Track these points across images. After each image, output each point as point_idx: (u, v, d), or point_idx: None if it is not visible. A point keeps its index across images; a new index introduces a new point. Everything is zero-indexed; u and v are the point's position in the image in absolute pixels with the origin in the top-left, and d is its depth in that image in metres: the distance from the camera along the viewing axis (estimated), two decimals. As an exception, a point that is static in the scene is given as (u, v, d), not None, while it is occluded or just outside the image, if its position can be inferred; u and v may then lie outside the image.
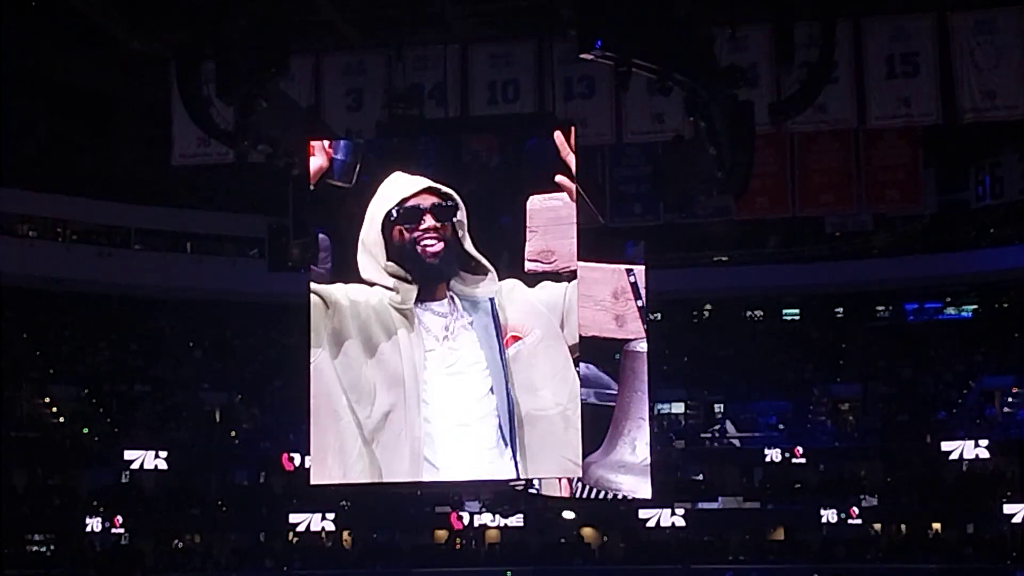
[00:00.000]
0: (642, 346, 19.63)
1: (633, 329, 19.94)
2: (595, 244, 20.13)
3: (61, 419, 44.33)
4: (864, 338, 49.99)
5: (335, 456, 17.15)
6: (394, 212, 17.09)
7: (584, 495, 20.02)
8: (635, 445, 19.88)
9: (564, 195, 17.18)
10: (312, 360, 17.34)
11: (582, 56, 17.61)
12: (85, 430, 44.29)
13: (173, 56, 22.87)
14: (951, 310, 50.83)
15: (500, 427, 16.89)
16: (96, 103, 40.47)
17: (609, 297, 20.00)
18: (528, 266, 17.07)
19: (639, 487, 19.55)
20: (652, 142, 25.84)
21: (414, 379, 16.93)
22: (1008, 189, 42.46)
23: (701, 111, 18.90)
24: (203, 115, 20.81)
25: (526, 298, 17.04)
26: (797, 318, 52.41)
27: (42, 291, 46.13)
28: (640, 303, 20.47)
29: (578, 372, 16.99)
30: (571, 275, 17.13)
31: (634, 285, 20.63)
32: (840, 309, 51.81)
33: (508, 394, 16.81)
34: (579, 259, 17.47)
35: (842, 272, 47.98)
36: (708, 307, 52.94)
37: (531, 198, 17.23)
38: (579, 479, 19.31)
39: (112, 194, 46.48)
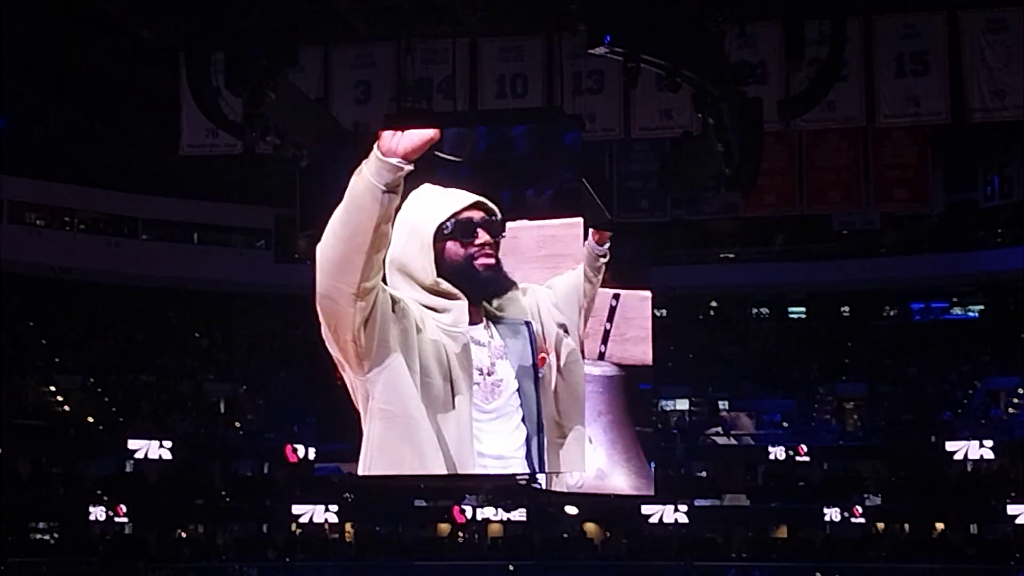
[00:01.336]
0: (584, 367, 19.14)
1: (588, 349, 19.71)
2: (619, 268, 20.19)
3: (66, 408, 44.40)
4: (870, 337, 49.95)
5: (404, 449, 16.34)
6: (448, 225, 15.66)
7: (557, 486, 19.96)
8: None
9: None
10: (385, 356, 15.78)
11: (591, 51, 17.62)
12: (90, 419, 44.37)
13: (183, 46, 22.95)
14: (958, 310, 50.78)
15: (528, 455, 16.38)
16: (105, 92, 40.47)
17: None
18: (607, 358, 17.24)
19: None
20: (660, 138, 25.87)
21: (468, 419, 16.22)
22: (1016, 189, 42.45)
23: (710, 108, 18.91)
24: (212, 105, 20.86)
25: (548, 306, 16.52)
26: (803, 316, 52.36)
27: (49, 280, 46.20)
28: (608, 326, 20.50)
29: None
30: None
31: (612, 309, 20.68)
32: (846, 308, 51.75)
33: (540, 426, 16.30)
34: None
35: (849, 270, 47.94)
36: (714, 304, 52.91)
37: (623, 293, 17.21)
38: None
39: (120, 184, 46.54)
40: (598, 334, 20.37)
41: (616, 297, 20.65)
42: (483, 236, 15.89)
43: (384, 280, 15.80)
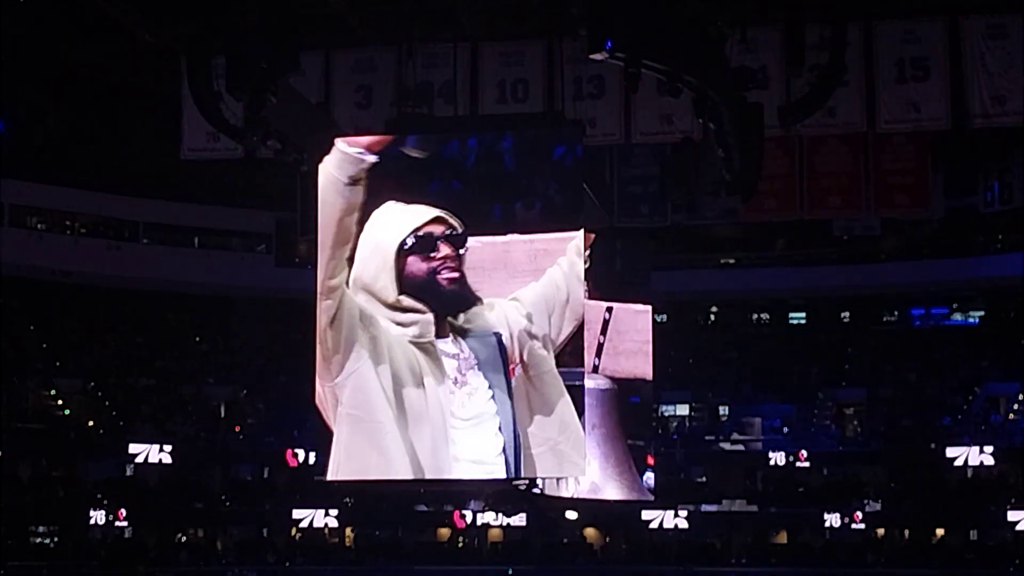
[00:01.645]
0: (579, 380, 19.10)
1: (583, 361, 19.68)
2: (618, 283, 20.25)
3: (66, 411, 44.41)
4: (870, 342, 49.95)
5: (366, 454, 16.48)
6: (408, 241, 16.25)
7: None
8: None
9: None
10: (353, 362, 16.38)
11: (592, 56, 17.61)
12: (90, 423, 44.37)
13: (184, 49, 22.94)
14: (958, 316, 50.77)
15: (506, 462, 16.47)
16: (106, 95, 40.44)
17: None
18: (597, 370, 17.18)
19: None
20: (661, 143, 25.85)
21: (443, 426, 16.50)
22: (1017, 195, 42.39)
23: (710, 113, 18.91)
24: (213, 109, 20.86)
25: (516, 318, 16.46)
26: (803, 322, 52.34)
27: (49, 283, 46.20)
28: (601, 339, 20.50)
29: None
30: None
31: (606, 322, 20.69)
32: (846, 313, 51.74)
33: (516, 434, 16.39)
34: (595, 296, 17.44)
35: (849, 276, 47.93)
36: (714, 309, 52.90)
37: (615, 307, 17.17)
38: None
39: (121, 187, 46.57)
40: (592, 347, 20.35)
41: (609, 310, 20.69)
42: (444, 250, 16.10)
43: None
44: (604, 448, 20.42)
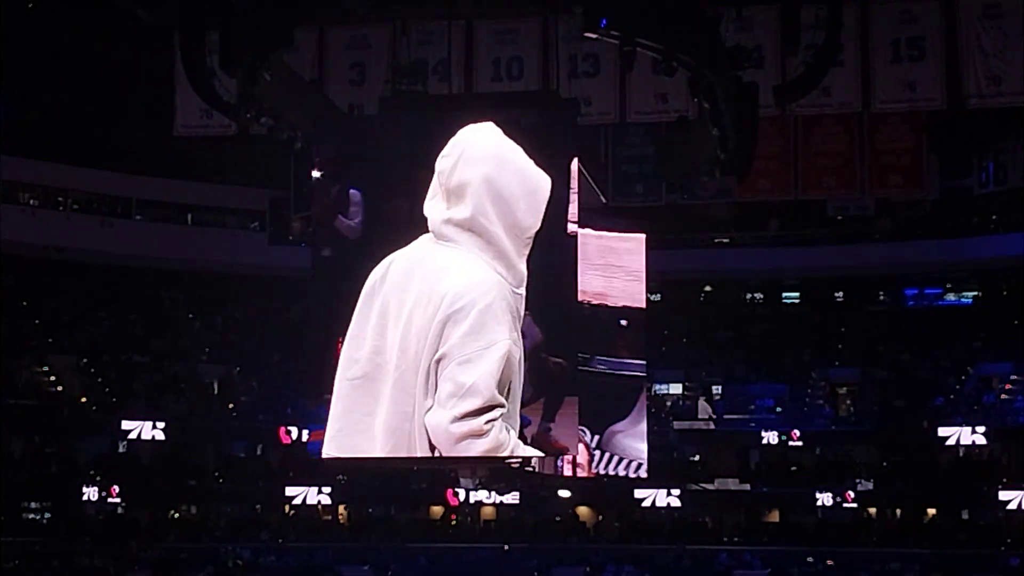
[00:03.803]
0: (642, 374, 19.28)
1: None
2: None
3: (59, 388, 44.37)
4: (863, 322, 50.00)
5: None
6: None
7: (603, 469, 19.83)
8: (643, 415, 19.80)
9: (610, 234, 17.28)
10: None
11: (587, 35, 17.57)
12: (83, 399, 44.34)
13: (177, 26, 22.84)
14: (951, 296, 50.80)
15: None
16: (99, 72, 40.32)
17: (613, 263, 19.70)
18: (583, 297, 17.10)
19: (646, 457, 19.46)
20: (655, 122, 25.83)
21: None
22: (1011, 176, 42.34)
23: (705, 92, 18.86)
24: (206, 86, 20.78)
25: None
26: (797, 301, 52.36)
27: (42, 260, 46.11)
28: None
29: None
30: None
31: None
32: (840, 293, 51.76)
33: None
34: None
35: (843, 256, 47.93)
36: (708, 288, 52.91)
37: (582, 232, 16.99)
38: (601, 449, 18.95)
39: (114, 164, 46.40)
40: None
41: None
42: None
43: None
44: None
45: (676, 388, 48.54)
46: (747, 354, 49.19)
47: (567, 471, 18.82)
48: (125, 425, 42.74)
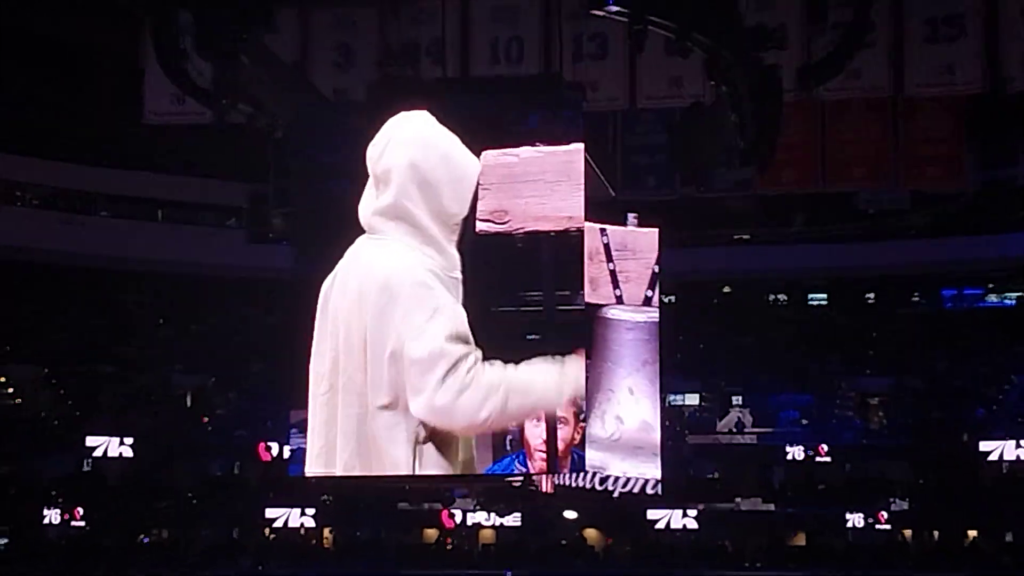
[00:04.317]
0: (614, 312, 19.48)
1: (604, 294, 19.84)
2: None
3: (18, 401, 44.47)
4: (897, 327, 50.07)
5: None
6: None
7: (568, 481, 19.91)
8: (604, 419, 19.86)
9: (522, 150, 16.80)
10: None
11: (593, 12, 17.59)
12: (44, 414, 44.39)
13: (147, 5, 22.89)
14: (993, 297, 50.91)
15: None
16: (62, 55, 40.45)
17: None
18: (480, 226, 16.89)
19: (608, 463, 19.48)
20: (669, 108, 25.85)
21: None
22: (1059, 166, 42.52)
23: (723, 75, 18.88)
24: (179, 70, 20.82)
25: None
26: (824, 304, 52.50)
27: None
28: (611, 266, 20.43)
29: None
30: (525, 237, 16.92)
31: (607, 246, 20.61)
32: (871, 295, 51.90)
33: None
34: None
35: (874, 254, 48.04)
36: (727, 290, 53.03)
37: (484, 153, 16.98)
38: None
39: (77, 156, 46.52)
40: (644, 278, 20.33)
41: (603, 231, 20.54)
42: None
43: None
44: (657, 385, 20.47)
45: (692, 399, 48.62)
46: (770, 362, 49.26)
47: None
48: (90, 442, 42.82)
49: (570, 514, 43.47)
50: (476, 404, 15.60)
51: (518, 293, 16.70)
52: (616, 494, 19.91)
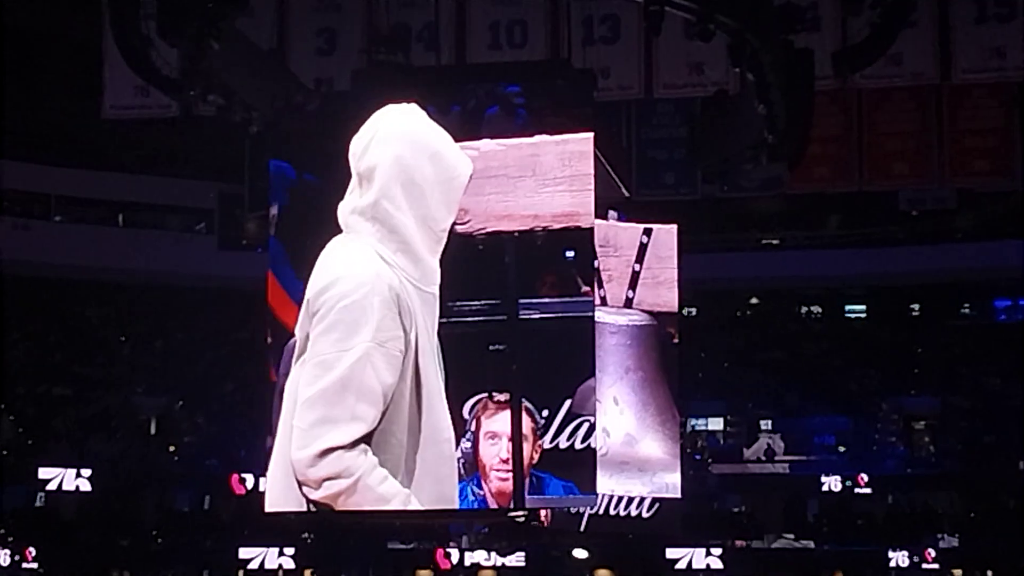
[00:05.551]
0: (598, 315, 19.40)
1: (614, 294, 19.95)
2: None
3: (-38, 427, 44.51)
4: (944, 341, 50.10)
5: None
6: None
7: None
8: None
9: (482, 143, 16.78)
10: None
11: (605, -9, 17.70)
12: (-8, 442, 44.48)
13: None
14: (1051, 308, 50.98)
15: None
16: (12, 42, 40.53)
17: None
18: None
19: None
20: (689, 98, 25.96)
21: None
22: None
23: (749, 61, 18.96)
24: (141, 58, 20.93)
25: None
26: (863, 316, 52.52)
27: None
28: (637, 268, 20.57)
29: None
30: (487, 238, 16.90)
31: (643, 247, 20.76)
32: (916, 305, 51.92)
33: None
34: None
35: (918, 260, 48.06)
36: (754, 301, 53.06)
37: None
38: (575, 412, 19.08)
39: (29, 154, 46.57)
40: (624, 277, 20.44)
41: (648, 232, 20.70)
42: None
43: None
44: (642, 394, 20.53)
45: (716, 423, 48.62)
46: (802, 381, 49.26)
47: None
48: (43, 473, 42.79)
49: (580, 553, 43.41)
50: (335, 491, 15.52)
51: (480, 298, 16.75)
52: (602, 512, 20.01)
